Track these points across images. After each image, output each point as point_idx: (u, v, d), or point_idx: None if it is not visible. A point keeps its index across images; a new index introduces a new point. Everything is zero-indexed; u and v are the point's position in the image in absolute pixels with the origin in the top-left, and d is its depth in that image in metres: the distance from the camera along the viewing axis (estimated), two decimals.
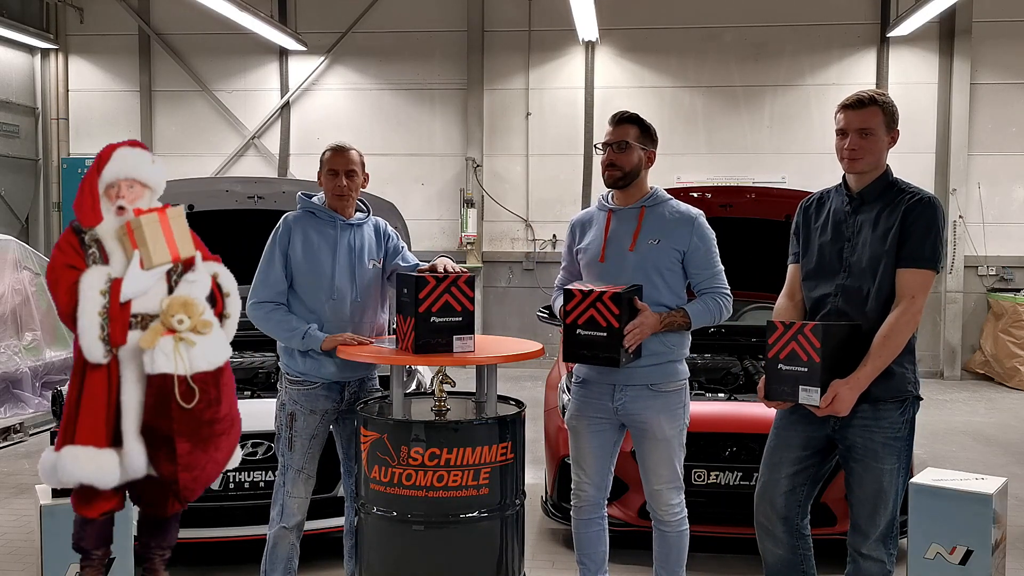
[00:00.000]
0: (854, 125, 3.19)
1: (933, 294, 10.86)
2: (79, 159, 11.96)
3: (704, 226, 3.61)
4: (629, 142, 3.57)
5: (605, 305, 3.36)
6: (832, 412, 3.12)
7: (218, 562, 4.64)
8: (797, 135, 11.27)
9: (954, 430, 8.11)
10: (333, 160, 3.79)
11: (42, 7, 12.06)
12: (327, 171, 3.79)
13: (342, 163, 3.77)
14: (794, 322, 3.18)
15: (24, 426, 7.47)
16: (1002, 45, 10.92)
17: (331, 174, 3.77)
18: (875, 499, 3.18)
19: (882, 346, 3.11)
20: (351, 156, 3.79)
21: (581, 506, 3.74)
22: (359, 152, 3.85)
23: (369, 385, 3.91)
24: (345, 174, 3.76)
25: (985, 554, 3.48)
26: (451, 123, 11.84)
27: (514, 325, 11.30)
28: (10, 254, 8.00)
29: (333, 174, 3.77)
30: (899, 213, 3.15)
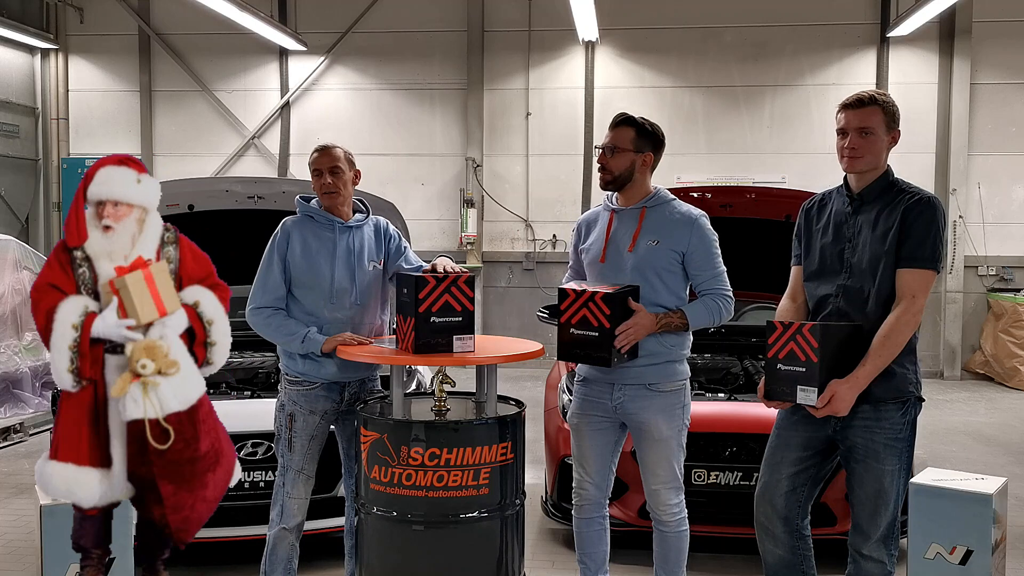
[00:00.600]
0: (854, 124, 3.20)
1: (933, 294, 10.86)
2: (79, 159, 11.96)
3: (705, 227, 3.60)
4: (619, 147, 3.58)
5: (597, 305, 3.37)
6: (831, 412, 3.12)
7: (218, 562, 4.64)
8: (797, 135, 11.28)
9: (954, 430, 8.11)
10: (317, 160, 3.79)
11: (42, 7, 12.06)
12: (312, 172, 3.79)
13: (325, 161, 3.77)
14: (793, 322, 3.18)
15: (24, 426, 7.47)
16: (1002, 45, 10.92)
17: (316, 174, 3.78)
18: (876, 500, 3.18)
19: (882, 346, 3.11)
20: (334, 153, 3.78)
21: (582, 505, 3.74)
22: (344, 149, 3.84)
23: (370, 386, 3.91)
24: (329, 171, 3.75)
25: (985, 554, 3.48)
26: (451, 123, 11.84)
27: (514, 325, 11.30)
28: (10, 254, 8.00)
29: (318, 174, 3.77)
30: (899, 213, 3.15)
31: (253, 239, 3.96)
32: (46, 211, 12.44)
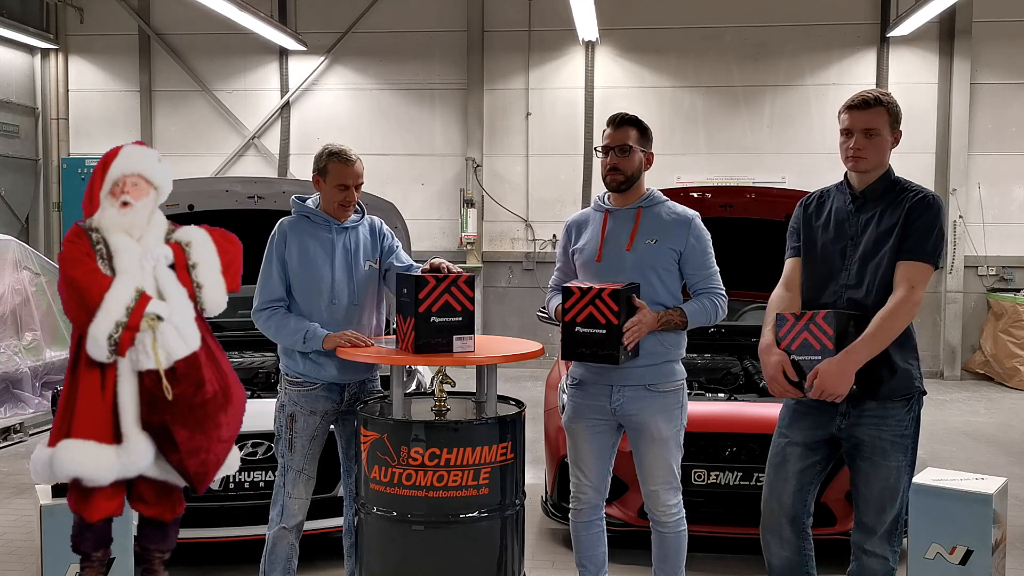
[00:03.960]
0: (859, 125, 3.20)
1: (933, 294, 10.87)
2: (79, 159, 11.95)
3: (700, 227, 3.62)
4: (631, 144, 3.57)
5: (604, 302, 3.36)
6: (823, 389, 3.07)
7: (218, 562, 4.64)
8: (797, 135, 11.27)
9: (954, 430, 8.11)
10: (343, 173, 3.72)
11: (42, 7, 12.06)
12: (336, 185, 3.72)
13: (352, 177, 3.73)
14: (804, 312, 3.18)
15: (24, 426, 7.47)
16: (1002, 45, 10.92)
17: (340, 188, 3.72)
18: (882, 497, 3.18)
19: (879, 328, 3.08)
20: (359, 169, 3.76)
21: (581, 508, 3.73)
22: (360, 159, 3.84)
23: (370, 387, 3.91)
24: (356, 188, 3.76)
25: (985, 554, 3.48)
26: (451, 123, 11.84)
27: (514, 325, 11.30)
28: (10, 254, 8.00)
29: (343, 188, 3.72)
30: (902, 211, 3.16)
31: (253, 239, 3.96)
32: (46, 211, 12.44)
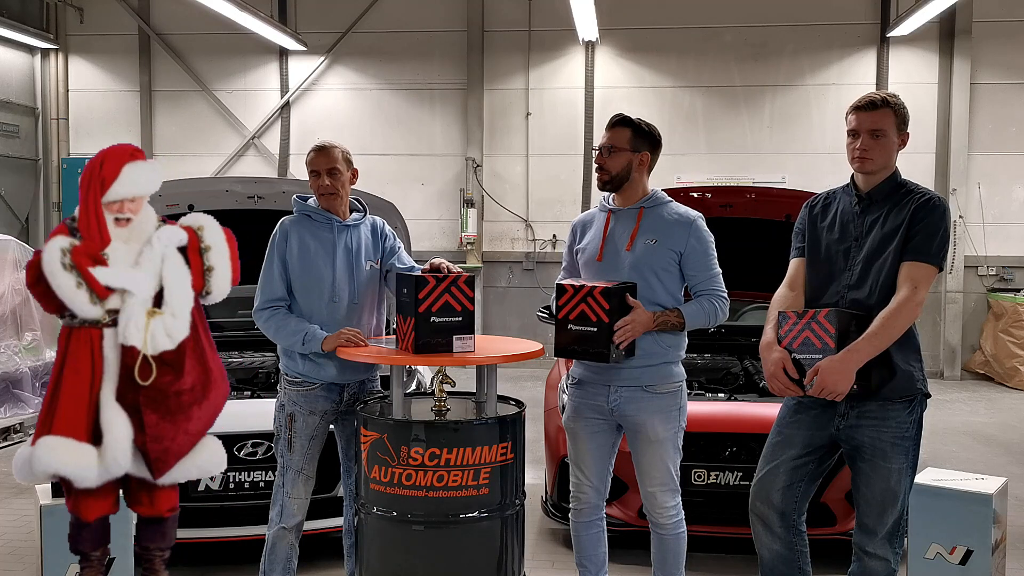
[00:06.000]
0: (866, 126, 3.20)
1: (933, 294, 10.86)
2: (79, 159, 11.95)
3: (702, 228, 3.61)
4: (615, 147, 3.59)
5: (596, 300, 3.38)
6: (823, 387, 3.06)
7: (218, 562, 4.64)
8: (797, 135, 11.28)
9: (954, 430, 8.11)
10: (315, 161, 3.77)
11: (42, 7, 12.06)
12: (310, 172, 3.78)
13: (323, 162, 3.75)
14: (806, 310, 3.18)
15: (24, 426, 7.47)
16: (1002, 45, 10.92)
17: (313, 175, 3.77)
18: (883, 498, 3.18)
19: (881, 326, 3.08)
20: (332, 154, 3.77)
21: (581, 508, 3.73)
22: (342, 148, 3.83)
23: (370, 387, 3.90)
24: (327, 173, 3.74)
25: (985, 554, 3.48)
26: (451, 123, 11.84)
27: (514, 325, 11.30)
28: (10, 254, 7.99)
29: (315, 175, 3.76)
30: (907, 212, 3.17)
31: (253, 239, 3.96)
32: (46, 211, 12.44)
